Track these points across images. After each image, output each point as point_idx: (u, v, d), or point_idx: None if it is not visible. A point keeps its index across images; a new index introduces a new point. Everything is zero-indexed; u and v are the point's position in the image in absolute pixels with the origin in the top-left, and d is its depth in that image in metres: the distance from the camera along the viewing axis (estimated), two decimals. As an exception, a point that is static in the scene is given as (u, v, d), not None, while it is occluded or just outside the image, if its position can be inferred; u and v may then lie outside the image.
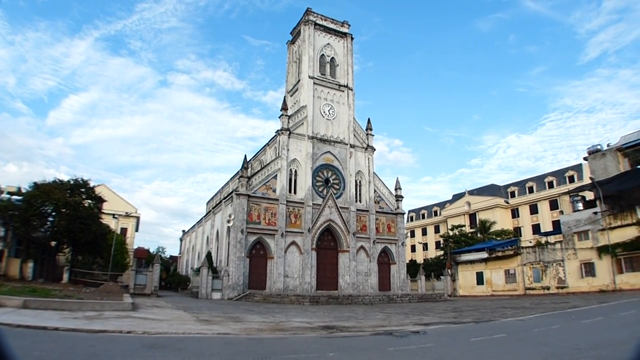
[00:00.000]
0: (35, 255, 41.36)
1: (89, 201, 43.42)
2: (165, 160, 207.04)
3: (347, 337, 13.85)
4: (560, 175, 73.00)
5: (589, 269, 43.65)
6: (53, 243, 43.76)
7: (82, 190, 43.10)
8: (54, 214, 39.68)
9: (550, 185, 73.17)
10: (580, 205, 47.95)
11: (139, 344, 10.56)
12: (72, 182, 42.56)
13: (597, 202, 44.89)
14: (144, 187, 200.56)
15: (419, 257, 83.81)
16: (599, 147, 50.11)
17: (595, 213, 44.21)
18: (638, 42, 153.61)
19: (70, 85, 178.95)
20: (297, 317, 21.37)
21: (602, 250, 42.29)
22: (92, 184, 44.58)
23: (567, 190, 57.44)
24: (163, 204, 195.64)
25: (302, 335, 14.06)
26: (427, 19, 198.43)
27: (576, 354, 9.98)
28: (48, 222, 40.37)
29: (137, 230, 76.45)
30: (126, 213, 62.80)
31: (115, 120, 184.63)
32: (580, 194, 50.33)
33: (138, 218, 75.68)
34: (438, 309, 28.68)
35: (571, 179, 69.45)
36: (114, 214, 53.54)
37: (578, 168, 68.92)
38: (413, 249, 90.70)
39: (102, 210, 46.61)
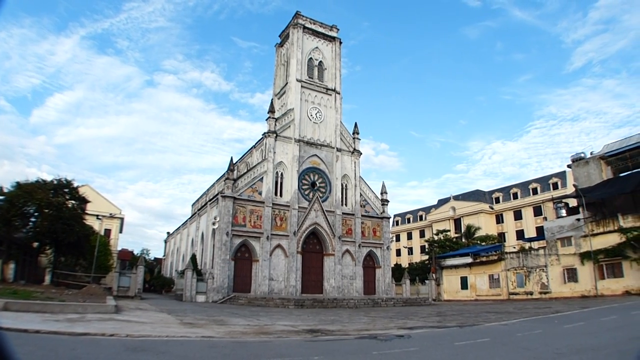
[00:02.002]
0: (16, 257, 40.67)
1: (73, 202, 42.81)
2: (150, 161, 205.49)
3: (332, 340, 13.85)
4: (544, 182, 73.82)
5: (571, 274, 44.17)
6: (35, 244, 43.02)
7: (66, 190, 42.48)
8: (36, 214, 39.05)
9: (535, 191, 73.93)
10: (563, 212, 48.58)
11: (122, 347, 10.47)
12: (55, 182, 41.92)
13: (580, 209, 45.50)
14: (128, 188, 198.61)
15: (404, 261, 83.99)
16: (582, 155, 50.93)
17: (578, 220, 44.80)
18: (622, 52, 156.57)
19: (55, 84, 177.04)
20: (281, 320, 21.32)
21: (585, 256, 42.85)
22: (75, 184, 43.96)
23: (551, 197, 58.14)
24: (147, 205, 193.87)
25: (287, 338, 14.03)
26: (416, 25, 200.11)
27: (558, 358, 10.10)
28: (30, 223, 39.70)
29: (121, 231, 75.63)
30: (110, 214, 62.06)
31: (100, 120, 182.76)
32: (563, 200, 50.99)
33: (122, 219, 74.90)
34: (422, 313, 28.81)
35: (555, 186, 70.26)
36: (97, 215, 52.91)
37: (562, 175, 69.76)
38: (398, 253, 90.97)
39: (86, 211, 46.00)
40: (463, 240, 68.52)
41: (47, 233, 38.47)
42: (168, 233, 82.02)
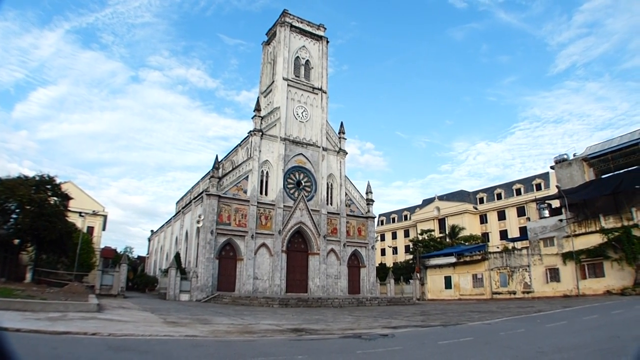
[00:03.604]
0: (-4, 254, 40.07)
1: (55, 198, 42.20)
2: (135, 158, 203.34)
3: (316, 339, 13.84)
4: (527, 182, 74.62)
5: (553, 274, 44.71)
6: (16, 241, 42.38)
7: (48, 187, 41.86)
8: (17, 210, 38.47)
9: (518, 192, 74.69)
10: (546, 213, 49.14)
11: (104, 346, 10.35)
12: (37, 178, 41.30)
13: (563, 210, 46.05)
14: (111, 185, 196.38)
15: (389, 261, 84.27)
16: (565, 156, 51.63)
17: (561, 220, 45.36)
18: (605, 56, 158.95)
19: (38, 78, 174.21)
20: (266, 319, 21.27)
21: (567, 256, 43.41)
22: (58, 181, 43.37)
23: (534, 197, 58.81)
24: (131, 202, 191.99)
25: (271, 337, 13.99)
26: (403, 26, 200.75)
27: (540, 357, 10.20)
28: (11, 219, 39.09)
29: (104, 229, 74.68)
30: (93, 211, 61.27)
31: (84, 116, 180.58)
32: (546, 201, 51.58)
33: (105, 216, 73.94)
34: (406, 313, 28.93)
35: (538, 187, 71.05)
36: (80, 212, 52.07)
37: (545, 176, 70.56)
38: (383, 252, 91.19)
39: (68, 208, 45.41)
40: (447, 240, 68.97)
41: (29, 230, 37.91)
42: (152, 231, 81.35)
